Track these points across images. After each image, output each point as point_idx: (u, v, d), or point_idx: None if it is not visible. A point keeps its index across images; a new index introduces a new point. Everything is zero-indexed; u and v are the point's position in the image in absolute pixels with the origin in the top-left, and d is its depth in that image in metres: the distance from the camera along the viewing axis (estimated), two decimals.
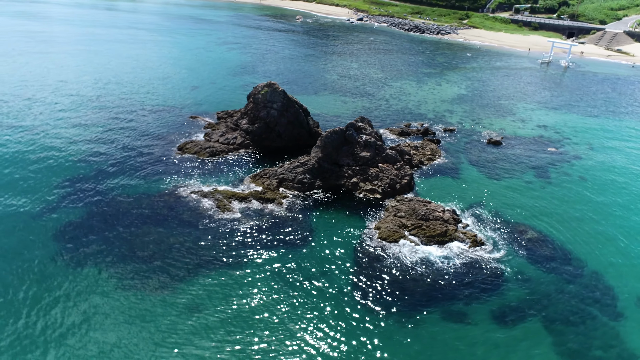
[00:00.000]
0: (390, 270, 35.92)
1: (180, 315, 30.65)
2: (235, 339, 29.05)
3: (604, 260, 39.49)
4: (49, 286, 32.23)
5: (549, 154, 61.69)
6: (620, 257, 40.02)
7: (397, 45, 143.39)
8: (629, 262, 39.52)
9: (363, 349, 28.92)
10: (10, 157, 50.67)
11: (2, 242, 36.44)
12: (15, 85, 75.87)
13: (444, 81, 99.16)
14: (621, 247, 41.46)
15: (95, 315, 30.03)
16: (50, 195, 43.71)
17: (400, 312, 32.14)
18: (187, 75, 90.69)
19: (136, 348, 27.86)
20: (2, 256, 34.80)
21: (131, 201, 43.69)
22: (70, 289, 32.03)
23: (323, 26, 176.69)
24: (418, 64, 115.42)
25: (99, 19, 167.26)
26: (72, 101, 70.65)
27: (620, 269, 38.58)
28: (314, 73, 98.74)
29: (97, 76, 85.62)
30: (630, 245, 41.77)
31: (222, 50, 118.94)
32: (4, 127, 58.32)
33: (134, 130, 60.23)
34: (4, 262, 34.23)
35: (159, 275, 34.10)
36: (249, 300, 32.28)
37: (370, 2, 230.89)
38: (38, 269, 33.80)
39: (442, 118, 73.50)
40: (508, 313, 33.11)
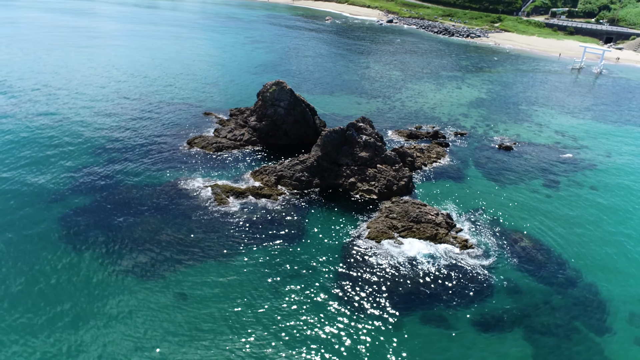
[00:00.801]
0: (374, 271, 35.65)
1: (165, 302, 31.38)
2: (215, 328, 29.58)
3: (602, 276, 37.75)
4: (43, 260, 33.72)
5: (562, 161, 59.54)
6: (620, 275, 38.02)
7: (423, 47, 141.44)
8: (628, 280, 37.51)
9: (335, 345, 28.88)
10: (33, 139, 54.13)
11: (12, 216, 38.43)
12: (48, 75, 79.61)
13: (464, 85, 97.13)
14: (622, 265, 39.40)
15: (74, 292, 31.22)
16: (62, 178, 45.96)
17: (378, 312, 31.87)
18: (209, 72, 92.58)
19: (114, 329, 28.80)
20: (8, 228, 36.67)
21: (134, 190, 45.07)
22: (61, 267, 33.40)
23: (351, 27, 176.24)
24: (441, 67, 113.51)
25: (140, 16, 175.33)
26: (98, 92, 73.70)
27: (617, 286, 36.79)
28: (334, 73, 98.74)
29: (126, 70, 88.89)
30: (632, 264, 39.57)
31: (248, 48, 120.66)
32: (33, 112, 61.45)
33: (149, 124, 62.03)
34: (8, 233, 36.05)
35: (149, 262, 35.08)
36: (232, 292, 32.74)
37: (402, 4, 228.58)
38: (38, 243, 35.57)
39: (456, 122, 72.08)
40: (489, 320, 32.30)
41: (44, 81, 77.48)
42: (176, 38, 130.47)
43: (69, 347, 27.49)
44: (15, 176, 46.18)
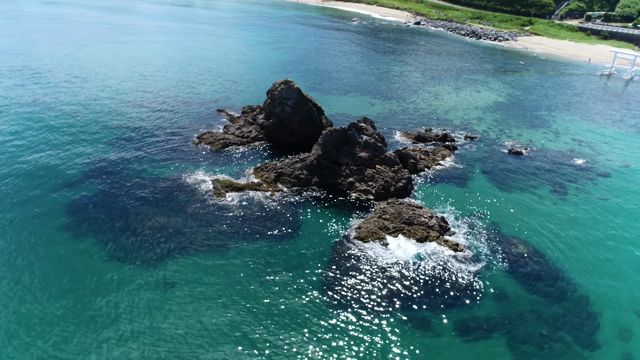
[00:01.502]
0: (359, 271, 35.55)
1: (154, 289, 32.24)
2: (196, 316, 30.25)
3: (597, 289, 36.30)
4: (43, 242, 35.23)
5: (574, 168, 57.60)
6: (615, 291, 36.34)
7: (447, 49, 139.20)
8: (625, 294, 35.95)
9: (311, 343, 29.03)
10: (55, 126, 57.44)
11: (23, 195, 40.36)
12: (79, 68, 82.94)
13: (484, 88, 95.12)
14: (622, 278, 37.86)
15: (65, 274, 32.46)
16: (74, 164, 48.63)
17: (357, 312, 31.80)
18: (230, 69, 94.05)
19: (103, 311, 29.85)
20: (17, 206, 38.53)
21: (139, 181, 46.44)
22: (60, 250, 34.82)
23: (378, 28, 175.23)
24: (462, 70, 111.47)
25: (175, 14, 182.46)
26: (121, 86, 76.47)
27: (613, 299, 35.39)
28: (352, 74, 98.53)
29: (151, 65, 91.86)
30: (630, 282, 37.62)
31: (271, 47, 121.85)
32: (60, 101, 64.41)
33: (163, 118, 63.67)
34: (17, 210, 37.90)
35: (141, 248, 36.15)
36: (217, 283, 33.35)
37: (431, 5, 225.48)
38: (40, 221, 37.39)
39: (468, 125, 70.76)
40: (473, 327, 31.70)
41: (76, 73, 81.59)
42: (204, 35, 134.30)
43: (51, 313, 28.68)
44: (33, 159, 48.89)
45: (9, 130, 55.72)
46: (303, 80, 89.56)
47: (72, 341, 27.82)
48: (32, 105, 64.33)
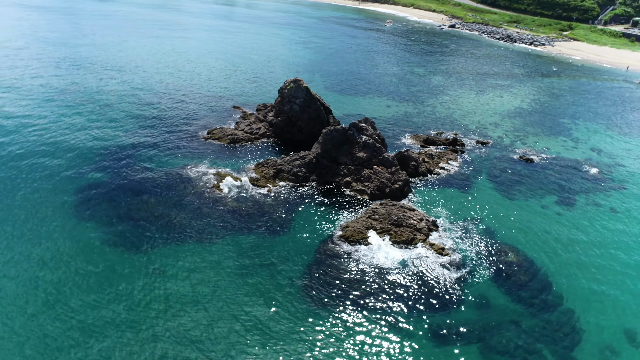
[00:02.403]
0: (339, 270, 35.55)
1: (143, 276, 33.41)
2: (180, 306, 31.23)
3: (584, 306, 34.40)
4: (46, 220, 37.27)
5: (587, 179, 55.15)
6: (605, 309, 34.35)
7: (477, 53, 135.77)
8: (610, 316, 33.84)
9: (280, 338, 29.37)
10: (77, 113, 60.86)
11: (34, 182, 42.84)
12: (114, 60, 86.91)
13: (508, 93, 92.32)
14: (612, 301, 35.47)
15: (57, 254, 34.15)
16: (88, 150, 51.49)
17: (331, 310, 31.82)
18: (253, 67, 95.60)
19: (98, 294, 31.31)
20: (27, 193, 40.94)
21: (145, 169, 48.15)
22: (58, 229, 36.68)
23: (410, 31, 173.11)
24: (489, 74, 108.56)
25: (216, 12, 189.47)
26: (148, 79, 79.94)
27: (597, 319, 33.35)
28: (374, 75, 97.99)
29: (180, 60, 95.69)
30: (623, 302, 35.52)
31: (299, 47, 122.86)
32: (88, 91, 67.78)
33: (180, 111, 65.62)
34: (26, 195, 40.28)
35: (135, 235, 37.46)
36: (203, 272, 34.14)
37: (469, 9, 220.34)
38: (47, 206, 39.37)
39: (483, 130, 68.97)
40: (447, 333, 31.05)
41: (114, 64, 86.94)
42: (239, 33, 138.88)
43: (43, 291, 30.34)
44: (57, 140, 52.60)
45: (40, 113, 59.10)
46: (324, 80, 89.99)
47: (54, 307, 29.38)
48: (70, 91, 68.71)
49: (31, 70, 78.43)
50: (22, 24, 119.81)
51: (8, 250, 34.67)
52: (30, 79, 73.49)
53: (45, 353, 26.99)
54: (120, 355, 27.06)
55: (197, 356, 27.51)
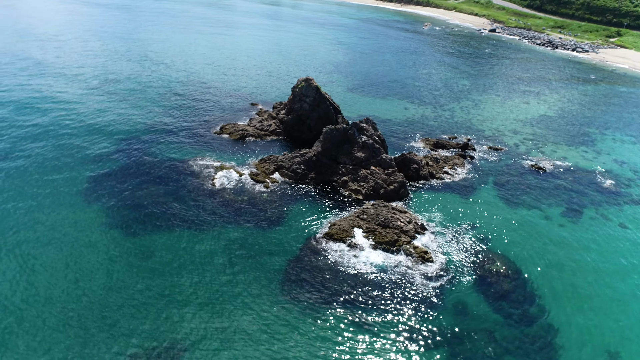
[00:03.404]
0: (317, 267, 35.75)
1: (134, 256, 35.08)
2: (159, 289, 32.59)
3: (567, 321, 32.91)
4: (57, 199, 39.78)
5: (600, 191, 52.37)
6: (587, 328, 32.55)
7: (513, 58, 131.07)
8: (593, 336, 32.10)
9: (251, 331, 30.02)
10: (106, 101, 64.50)
11: (50, 165, 45.83)
12: (154, 52, 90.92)
13: (536, 100, 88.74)
14: (597, 320, 33.40)
15: (61, 236, 36.32)
16: (106, 138, 54.69)
17: (304, 307, 31.99)
18: (281, 66, 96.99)
19: (90, 268, 33.23)
20: (43, 175, 43.82)
21: (154, 158, 50.25)
22: (66, 208, 39.03)
23: (447, 34, 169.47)
24: (520, 79, 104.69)
25: (263, 11, 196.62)
26: (179, 72, 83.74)
27: (579, 336, 31.83)
28: (398, 77, 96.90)
29: (213, 56, 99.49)
30: (609, 324, 33.32)
31: (331, 47, 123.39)
32: (118, 83, 71.14)
33: (200, 106, 67.82)
34: (42, 177, 43.17)
35: (135, 220, 39.22)
36: (191, 259, 35.38)
37: (513, 13, 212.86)
38: (59, 188, 42.07)
39: (499, 137, 66.79)
40: (416, 338, 30.57)
41: (151, 57, 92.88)
42: (279, 31, 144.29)
43: (40, 264, 32.47)
44: (77, 127, 55.99)
45: (79, 97, 62.99)
46: (348, 81, 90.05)
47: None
48: (110, 80, 74.01)
49: (83, 59, 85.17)
50: (83, 19, 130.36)
51: (14, 217, 37.29)
52: (76, 67, 79.24)
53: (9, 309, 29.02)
54: (96, 326, 28.59)
55: (161, 337, 28.59)
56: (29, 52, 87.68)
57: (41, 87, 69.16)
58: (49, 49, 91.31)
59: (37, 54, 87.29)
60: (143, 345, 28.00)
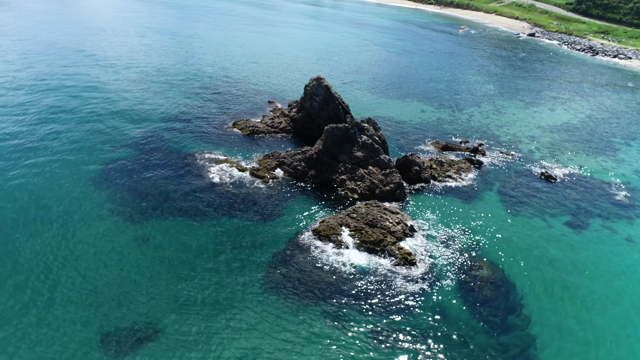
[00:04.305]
0: (299, 262, 36.08)
1: (131, 240, 36.73)
2: (154, 270, 34.05)
3: (551, 336, 31.68)
4: (69, 182, 42.16)
5: (611, 202, 49.83)
6: (570, 346, 31.09)
7: (548, 63, 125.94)
8: (583, 352, 30.86)
9: (221, 317, 30.87)
10: (128, 96, 67.40)
11: (75, 147, 48.58)
12: (192, 46, 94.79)
13: (562, 107, 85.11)
14: (581, 339, 31.89)
15: (66, 212, 38.47)
16: (126, 124, 57.78)
17: (283, 301, 32.36)
18: (309, 64, 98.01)
19: (87, 248, 35.18)
20: (61, 160, 46.52)
21: (164, 151, 52.00)
22: (77, 193, 41.32)
23: (483, 38, 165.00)
24: (549, 86, 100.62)
25: (304, 11, 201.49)
26: (208, 67, 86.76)
27: (565, 351, 30.64)
28: (422, 79, 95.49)
29: (247, 52, 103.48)
30: (594, 344, 31.75)
31: (360, 48, 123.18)
32: (152, 75, 74.43)
33: (217, 102, 69.59)
34: (58, 163, 45.87)
35: (137, 208, 40.83)
36: (183, 246, 36.58)
37: (555, 17, 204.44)
38: (72, 173, 44.64)
39: (515, 143, 64.64)
40: (385, 339, 30.12)
41: (189, 51, 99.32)
42: (314, 30, 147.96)
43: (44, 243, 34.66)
44: (102, 119, 58.79)
45: (116, 85, 66.43)
46: (369, 81, 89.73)
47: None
48: (148, 72, 79.17)
49: (130, 53, 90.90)
50: (137, 15, 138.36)
51: (23, 195, 39.86)
52: (116, 59, 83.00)
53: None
54: (85, 301, 30.24)
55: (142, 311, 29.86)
56: (84, 46, 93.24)
57: (90, 77, 74.32)
58: (102, 44, 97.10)
59: (91, 47, 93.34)
60: (118, 325, 29.35)
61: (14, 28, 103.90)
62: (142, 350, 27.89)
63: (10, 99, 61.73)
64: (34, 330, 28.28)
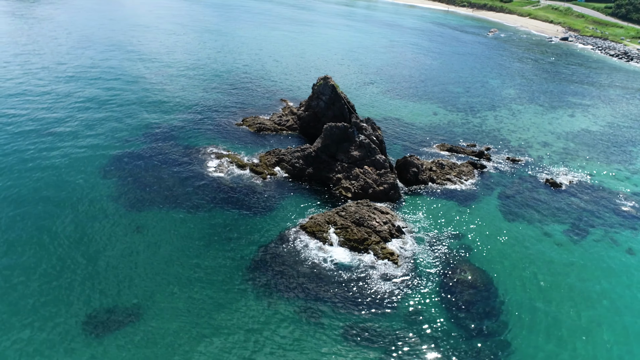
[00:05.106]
0: (282, 255, 36.52)
1: (126, 227, 38.19)
2: (144, 256, 35.37)
3: (529, 346, 30.84)
4: (79, 172, 44.23)
5: (619, 213, 47.68)
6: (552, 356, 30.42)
7: (577, 69, 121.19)
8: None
9: (200, 306, 31.74)
10: (150, 88, 70.31)
11: (90, 133, 50.89)
12: (219, 45, 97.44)
13: (582, 113, 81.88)
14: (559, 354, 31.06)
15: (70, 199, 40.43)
16: (140, 121, 59.55)
17: (258, 292, 32.97)
18: (329, 64, 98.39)
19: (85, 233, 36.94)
20: (73, 152, 48.84)
21: (172, 144, 53.45)
22: (84, 183, 43.32)
23: (512, 41, 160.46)
24: (573, 91, 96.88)
25: (336, 12, 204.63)
26: (232, 63, 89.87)
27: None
28: (440, 82, 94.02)
29: (273, 51, 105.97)
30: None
31: (381, 50, 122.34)
32: (179, 69, 76.98)
33: (231, 99, 70.92)
34: (70, 154, 48.19)
35: (136, 198, 42.30)
36: (174, 235, 37.74)
37: (592, 21, 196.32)
38: (81, 163, 46.62)
39: (525, 148, 62.79)
40: (356, 337, 30.09)
41: (221, 48, 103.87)
42: (345, 30, 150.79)
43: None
44: (121, 109, 61.44)
45: (145, 76, 69.30)
46: (386, 82, 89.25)
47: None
48: (173, 67, 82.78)
49: (165, 48, 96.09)
50: (178, 13, 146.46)
51: (30, 179, 42.10)
52: (147, 53, 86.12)
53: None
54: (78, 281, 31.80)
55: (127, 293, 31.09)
56: (118, 40, 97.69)
57: (116, 69, 78.65)
58: (133, 39, 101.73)
59: (123, 41, 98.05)
60: (102, 303, 30.66)
61: (64, 22, 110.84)
62: (124, 330, 28.96)
63: (35, 88, 65.14)
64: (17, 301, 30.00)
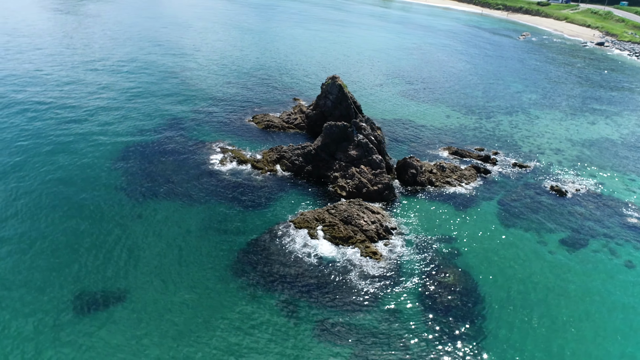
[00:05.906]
0: (269, 248, 37.23)
1: (127, 215, 39.97)
2: (140, 242, 37.00)
3: (503, 353, 30.39)
4: (89, 163, 46.53)
5: (623, 224, 45.75)
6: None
7: (607, 74, 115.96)
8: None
9: (185, 296, 32.92)
10: (179, 82, 72.90)
11: (95, 136, 53.34)
12: (249, 43, 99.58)
13: (604, 121, 78.54)
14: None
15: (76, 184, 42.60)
16: (159, 112, 62.67)
17: (240, 284, 33.83)
18: (350, 65, 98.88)
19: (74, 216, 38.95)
20: (87, 143, 51.34)
21: (182, 139, 55.33)
22: (94, 174, 45.53)
23: (544, 45, 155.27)
24: (597, 98, 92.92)
25: (372, 12, 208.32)
26: (256, 61, 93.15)
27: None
28: (459, 85, 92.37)
29: (297, 50, 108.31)
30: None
31: (406, 52, 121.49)
32: (207, 66, 79.41)
33: (245, 95, 72.60)
34: (84, 145, 50.64)
35: (141, 190, 43.94)
36: (171, 225, 39.21)
37: (632, 26, 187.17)
38: (93, 155, 48.91)
39: (536, 154, 60.95)
40: (329, 333, 30.30)
41: (253, 45, 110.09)
42: (375, 30, 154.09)
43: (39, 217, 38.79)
44: (123, 108, 63.16)
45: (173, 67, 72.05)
46: (403, 84, 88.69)
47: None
48: (206, 62, 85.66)
49: (201, 44, 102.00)
50: (218, 12, 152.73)
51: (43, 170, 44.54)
52: (179, 48, 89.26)
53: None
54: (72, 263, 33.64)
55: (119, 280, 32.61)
56: (154, 35, 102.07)
57: (142, 62, 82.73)
58: (184, 36, 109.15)
59: (173, 38, 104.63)
60: (90, 286, 32.27)
61: (111, 19, 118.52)
62: (108, 310, 30.41)
63: (67, 77, 68.59)
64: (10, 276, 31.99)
